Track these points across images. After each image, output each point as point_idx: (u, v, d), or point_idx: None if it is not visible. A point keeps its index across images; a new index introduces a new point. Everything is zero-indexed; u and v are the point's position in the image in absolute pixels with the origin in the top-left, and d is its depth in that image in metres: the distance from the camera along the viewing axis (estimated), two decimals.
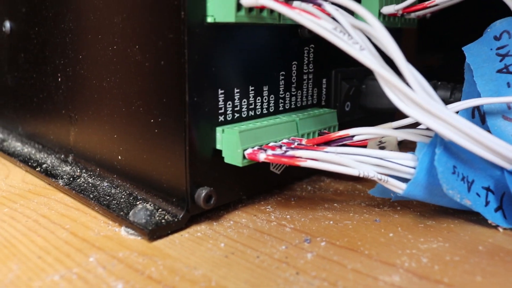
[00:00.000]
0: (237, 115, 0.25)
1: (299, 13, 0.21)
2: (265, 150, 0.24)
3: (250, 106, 0.26)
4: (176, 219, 0.24)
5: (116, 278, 0.20)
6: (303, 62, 0.28)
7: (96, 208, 0.26)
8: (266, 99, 0.27)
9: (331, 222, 0.25)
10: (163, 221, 0.24)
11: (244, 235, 0.24)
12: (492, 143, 0.22)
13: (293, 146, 0.24)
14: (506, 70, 0.26)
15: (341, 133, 0.24)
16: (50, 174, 0.31)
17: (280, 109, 0.28)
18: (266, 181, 0.28)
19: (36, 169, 0.32)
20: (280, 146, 0.24)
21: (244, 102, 0.25)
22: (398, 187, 0.23)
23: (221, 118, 0.25)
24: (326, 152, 0.23)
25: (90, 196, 0.27)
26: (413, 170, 0.23)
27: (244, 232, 0.24)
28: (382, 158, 0.23)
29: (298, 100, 0.29)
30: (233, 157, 0.24)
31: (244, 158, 0.24)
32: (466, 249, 0.22)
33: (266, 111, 0.27)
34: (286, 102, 0.28)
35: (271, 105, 0.27)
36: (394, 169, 0.23)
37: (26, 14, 0.35)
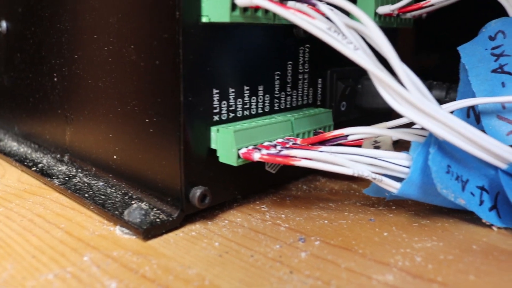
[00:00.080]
0: (232, 115, 0.25)
1: (294, 13, 0.21)
2: (259, 150, 0.24)
3: (245, 106, 0.26)
4: (170, 219, 0.24)
5: (110, 277, 0.20)
6: (299, 62, 0.28)
7: (91, 207, 0.26)
8: (261, 99, 0.27)
9: (326, 221, 0.25)
10: (158, 220, 0.24)
11: (238, 234, 0.24)
12: (486, 143, 0.22)
13: (287, 146, 0.24)
14: (501, 70, 0.26)
15: (335, 132, 0.24)
16: (45, 174, 0.31)
17: (275, 108, 0.28)
18: (262, 180, 0.28)
19: (32, 168, 0.32)
20: (274, 146, 0.24)
21: (239, 101, 0.25)
22: (393, 187, 0.23)
23: (216, 117, 0.25)
24: (320, 151, 0.23)
25: (85, 195, 0.27)
26: (407, 170, 0.23)
27: (238, 231, 0.24)
28: (376, 158, 0.23)
29: (294, 100, 0.29)
30: (228, 156, 0.24)
31: (238, 157, 0.24)
32: (460, 248, 0.23)
33: (261, 111, 0.27)
34: (282, 102, 0.28)
35: (266, 104, 0.27)
36: (388, 168, 0.23)
37: (22, 14, 0.35)
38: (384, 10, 0.31)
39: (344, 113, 0.32)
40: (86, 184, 0.29)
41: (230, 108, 0.25)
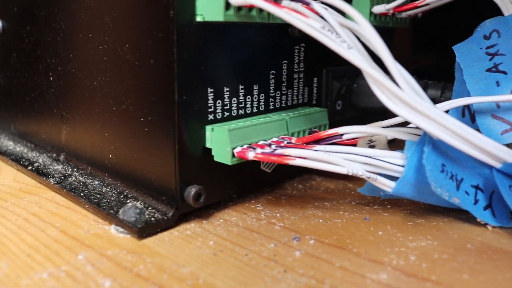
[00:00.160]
0: (227, 114, 0.25)
1: (288, 12, 0.21)
2: (254, 149, 0.24)
3: (240, 105, 0.26)
4: (165, 217, 0.24)
5: (104, 275, 0.20)
6: (294, 61, 0.28)
7: (86, 206, 0.26)
8: (256, 98, 0.27)
9: (321, 220, 0.25)
10: (153, 219, 0.24)
11: (233, 233, 0.24)
12: (480, 142, 0.22)
13: (282, 145, 0.24)
14: (495, 69, 0.26)
15: (330, 131, 0.24)
16: (41, 173, 0.31)
17: (270, 107, 0.28)
18: (257, 179, 0.28)
19: (27, 167, 0.32)
20: (269, 145, 0.24)
21: (234, 100, 0.25)
22: (387, 186, 0.23)
23: (210, 116, 0.25)
24: (315, 150, 0.23)
25: (81, 194, 0.27)
26: (402, 169, 0.23)
27: (233, 230, 0.24)
28: (371, 157, 0.23)
29: (289, 99, 0.29)
30: (222, 155, 0.24)
31: (233, 156, 0.24)
32: (455, 247, 0.23)
33: (257, 110, 0.27)
34: (277, 101, 0.28)
35: (261, 104, 0.27)
36: (383, 167, 0.23)
37: (18, 13, 0.35)
38: (379, 9, 0.31)
39: (339, 112, 0.32)
40: (81, 183, 0.29)
41: (225, 107, 0.25)
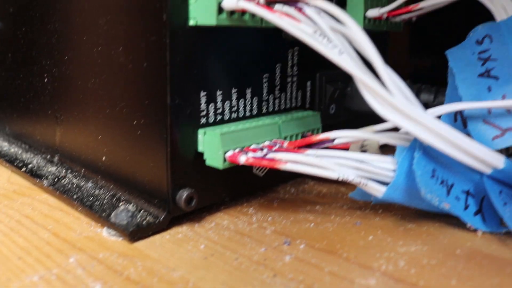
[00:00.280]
0: (219, 117, 0.25)
1: (279, 16, 0.21)
2: (246, 153, 0.24)
3: (233, 108, 0.26)
4: (157, 221, 0.24)
5: (95, 279, 0.20)
6: (287, 64, 0.29)
7: (79, 209, 0.26)
8: (249, 102, 0.27)
9: (312, 224, 0.25)
10: (144, 222, 0.24)
11: (224, 237, 0.24)
12: (470, 147, 0.22)
13: (274, 149, 0.24)
14: (488, 74, 0.26)
15: (322, 136, 0.24)
16: (35, 175, 0.31)
17: (263, 111, 0.28)
18: (250, 183, 0.28)
19: (21, 169, 0.32)
20: (261, 149, 0.24)
21: (226, 104, 0.26)
22: (378, 191, 0.24)
23: (203, 120, 0.25)
24: (306, 155, 0.23)
25: (74, 197, 0.27)
26: (393, 174, 0.24)
27: (224, 234, 0.24)
28: (362, 161, 0.23)
29: (282, 102, 0.29)
30: (214, 159, 0.24)
31: (225, 160, 0.24)
32: (444, 252, 0.23)
33: (249, 113, 0.27)
34: (270, 104, 0.28)
35: (254, 107, 0.27)
36: (373, 172, 0.23)
37: (14, 14, 0.35)
38: (373, 13, 0.31)
39: (333, 115, 0.32)
40: (75, 185, 0.29)
41: (218, 110, 0.25)
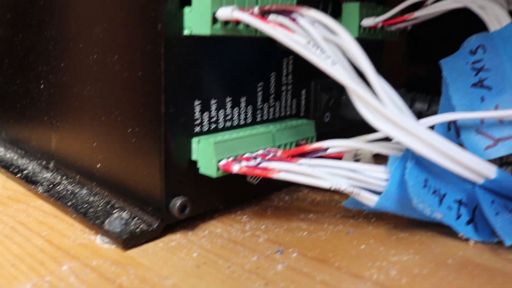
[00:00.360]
0: (213, 126, 0.26)
1: (273, 27, 0.22)
2: (239, 162, 0.24)
3: (227, 117, 0.26)
4: (151, 228, 0.24)
5: (87, 286, 0.20)
6: (282, 73, 0.29)
7: (73, 215, 0.27)
8: (243, 110, 0.27)
9: (305, 233, 0.25)
10: (138, 230, 0.24)
11: (217, 245, 0.24)
12: (462, 158, 0.23)
13: (267, 158, 0.24)
14: (481, 84, 0.27)
15: (315, 145, 0.24)
16: (30, 181, 0.31)
17: (258, 120, 0.28)
18: (244, 191, 0.28)
19: (17, 175, 0.32)
20: (254, 158, 0.24)
21: (221, 113, 0.26)
22: (370, 200, 0.24)
23: (197, 129, 0.25)
24: (299, 164, 0.23)
25: (68, 203, 0.27)
26: (385, 183, 0.24)
27: (217, 242, 0.24)
28: (354, 171, 0.24)
29: (277, 111, 0.29)
30: (208, 167, 0.24)
31: (218, 169, 0.24)
32: (436, 262, 0.23)
33: (244, 122, 0.27)
34: (264, 113, 0.28)
35: (249, 116, 0.27)
36: (366, 181, 0.24)
37: (11, 21, 0.35)
38: (368, 22, 0.31)
39: (328, 124, 0.32)
40: (69, 192, 0.29)
41: (212, 119, 0.25)
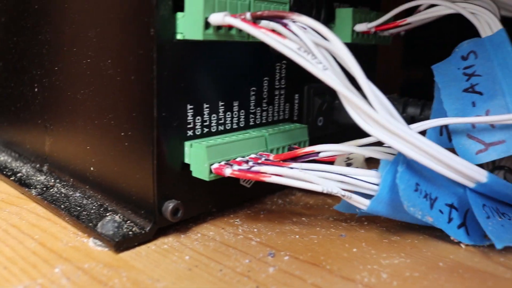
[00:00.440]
0: (206, 130, 0.26)
1: (265, 32, 0.22)
2: (231, 165, 0.24)
3: (220, 121, 0.26)
4: (143, 231, 0.24)
5: None
6: (275, 77, 0.29)
7: (66, 218, 0.27)
8: (236, 114, 0.27)
9: (297, 236, 0.26)
10: (130, 233, 0.24)
11: (209, 248, 0.24)
12: (453, 162, 0.23)
13: (259, 162, 0.25)
14: (472, 89, 0.27)
15: (307, 149, 0.25)
16: (23, 184, 0.31)
17: (250, 124, 0.28)
18: (237, 194, 0.29)
19: (10, 178, 0.32)
20: (246, 161, 0.25)
21: (213, 117, 0.26)
22: (362, 203, 0.24)
23: (189, 132, 0.25)
24: (291, 168, 0.23)
25: (61, 206, 0.27)
26: (377, 187, 0.24)
27: (210, 245, 0.24)
28: (346, 175, 0.24)
29: (270, 115, 0.29)
30: (200, 171, 0.24)
31: (211, 172, 0.24)
32: (427, 265, 0.23)
33: (236, 126, 0.27)
34: (257, 117, 0.28)
35: (242, 120, 0.27)
36: (358, 185, 0.24)
37: (5, 24, 0.35)
38: (361, 28, 0.31)
39: (321, 128, 0.32)
40: (63, 195, 0.29)
41: (205, 123, 0.25)
